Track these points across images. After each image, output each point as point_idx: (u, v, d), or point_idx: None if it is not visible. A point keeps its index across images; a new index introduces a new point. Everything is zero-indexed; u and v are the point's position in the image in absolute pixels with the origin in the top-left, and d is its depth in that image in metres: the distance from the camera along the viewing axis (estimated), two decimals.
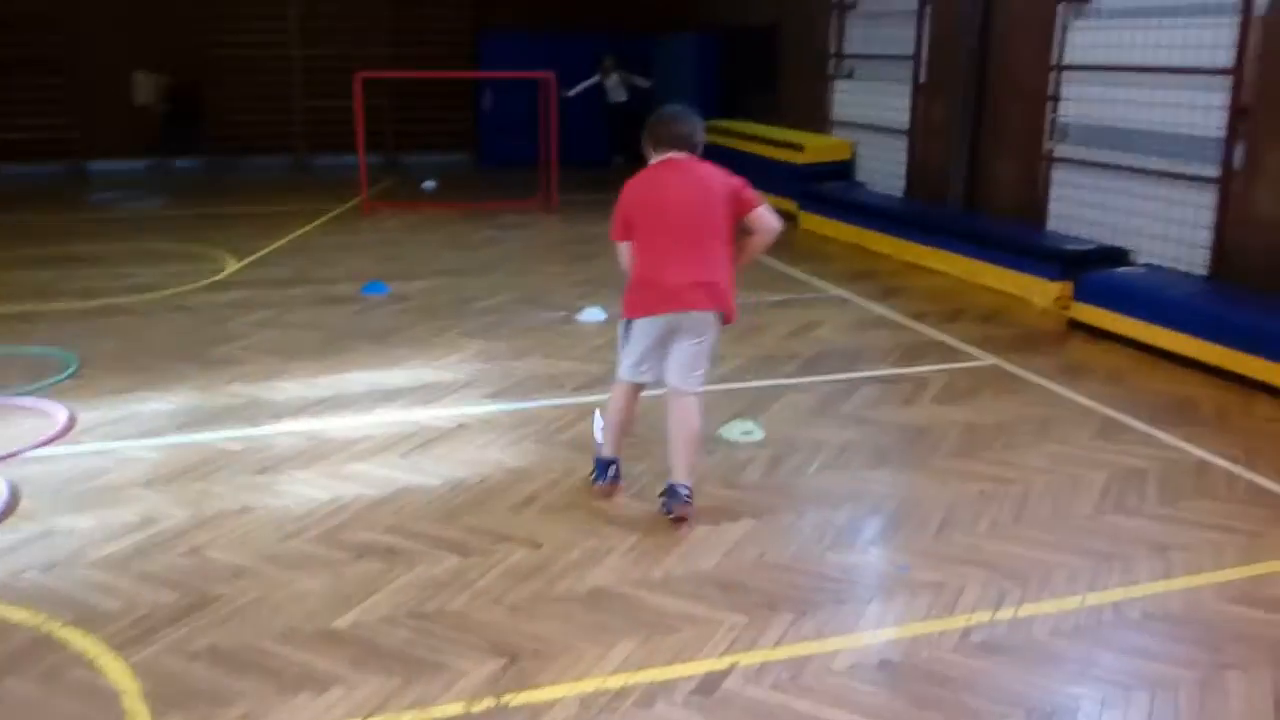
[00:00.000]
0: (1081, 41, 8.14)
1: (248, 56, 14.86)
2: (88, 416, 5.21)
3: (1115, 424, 5.21)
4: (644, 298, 4.17)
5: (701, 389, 4.23)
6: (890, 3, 10.49)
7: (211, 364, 6.10)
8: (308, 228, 10.47)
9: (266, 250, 9.34)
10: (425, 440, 4.95)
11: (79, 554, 3.84)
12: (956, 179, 9.43)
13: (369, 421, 5.20)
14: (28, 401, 5.37)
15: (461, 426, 5.15)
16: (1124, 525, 4.08)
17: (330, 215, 11.20)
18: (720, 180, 4.21)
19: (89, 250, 9.28)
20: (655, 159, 4.30)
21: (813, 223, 10.57)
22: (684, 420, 4.15)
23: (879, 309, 7.56)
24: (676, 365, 4.16)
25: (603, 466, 4.38)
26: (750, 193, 4.23)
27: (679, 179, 4.19)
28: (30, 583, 3.64)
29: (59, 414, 5.17)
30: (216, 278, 8.28)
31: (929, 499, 4.32)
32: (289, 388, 5.70)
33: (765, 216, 4.24)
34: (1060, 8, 8.24)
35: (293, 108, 15.16)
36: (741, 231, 4.25)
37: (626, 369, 4.27)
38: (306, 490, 4.38)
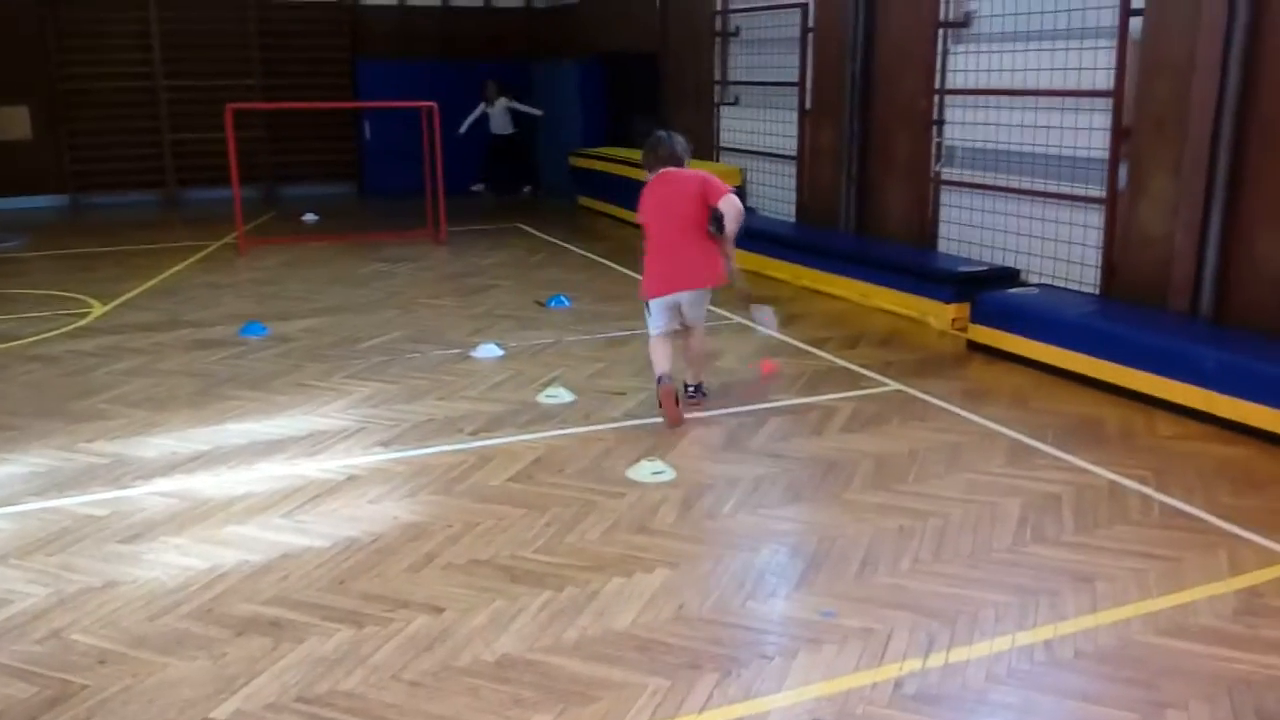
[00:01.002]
0: (963, 66, 8.25)
1: (110, 89, 14.14)
2: None
3: (1024, 448, 5.18)
4: (656, 282, 5.58)
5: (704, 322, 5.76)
6: (773, 30, 10.53)
7: (73, 419, 5.62)
8: (179, 267, 9.92)
9: (135, 292, 8.78)
10: (312, 496, 4.60)
11: None
12: (847, 203, 9.47)
13: (249, 477, 4.82)
14: None
15: (351, 479, 4.81)
16: (1045, 556, 4.00)
17: (204, 253, 10.66)
18: (694, 179, 5.52)
19: None
20: (650, 175, 5.68)
21: None
22: (699, 343, 5.86)
23: (779, 336, 7.46)
24: (691, 311, 5.66)
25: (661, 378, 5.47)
26: (715, 183, 5.47)
27: (681, 185, 5.53)
28: None
29: None
30: (80, 324, 7.72)
31: (848, 537, 4.18)
32: (160, 443, 5.27)
33: (730, 200, 5.40)
34: (941, 33, 8.34)
35: (161, 141, 14.47)
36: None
37: (658, 328, 5.60)
38: (180, 559, 4.00)
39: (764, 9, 10.58)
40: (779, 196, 10.69)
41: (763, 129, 10.93)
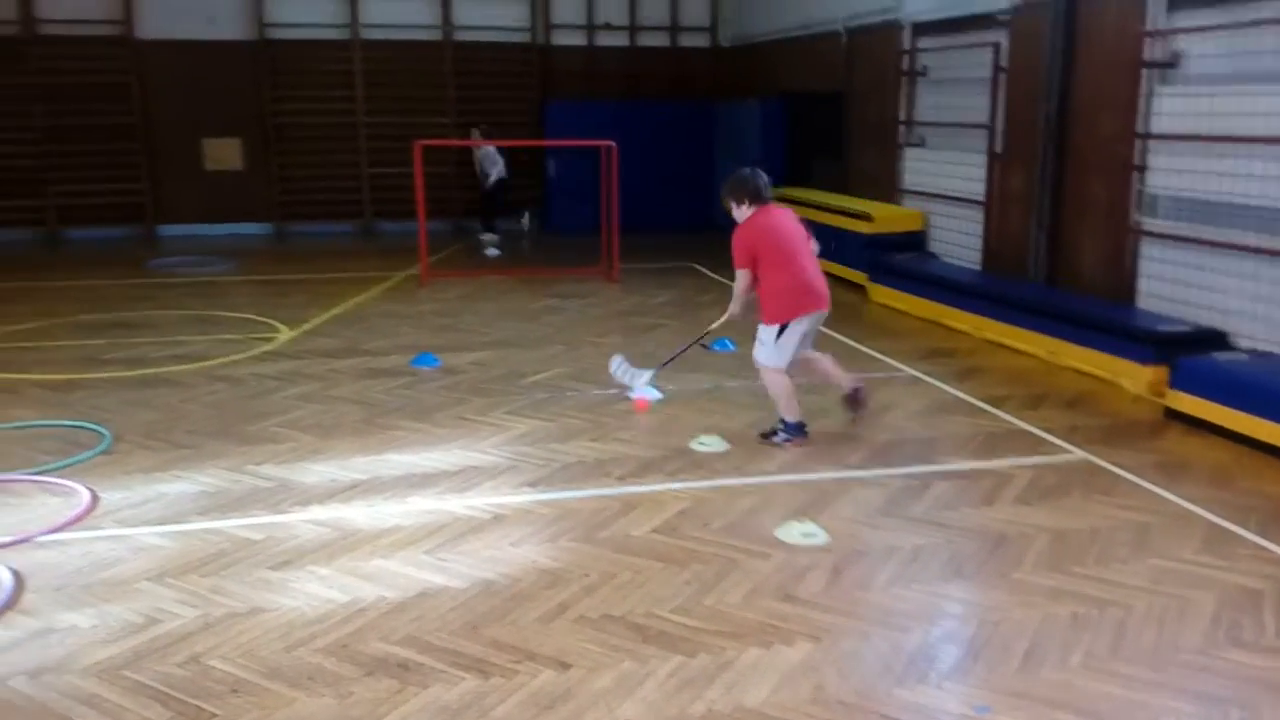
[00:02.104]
0: (1169, 109, 7.64)
1: (315, 124, 15.00)
2: (111, 498, 4.97)
3: (1223, 533, 4.65)
4: (804, 299, 5.76)
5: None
6: (963, 70, 10.11)
7: (246, 441, 5.85)
8: (364, 296, 10.33)
9: (320, 319, 9.18)
10: (456, 534, 4.59)
11: (72, 658, 3.53)
12: (1037, 253, 8.93)
13: (400, 510, 4.87)
14: (53, 480, 5.15)
15: (496, 518, 4.78)
16: (1241, 662, 3.53)
17: (389, 283, 11.07)
18: (793, 214, 6.02)
19: (143, 317, 9.22)
20: (751, 209, 5.78)
21: (883, 295, 10.12)
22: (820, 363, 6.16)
23: (955, 391, 7.06)
24: (813, 335, 5.96)
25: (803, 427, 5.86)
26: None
27: (788, 220, 5.90)
28: (14, 691, 3.33)
29: (82, 495, 4.94)
30: (266, 348, 8.10)
31: (1013, 622, 3.82)
32: (321, 470, 5.40)
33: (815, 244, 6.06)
34: (1145, 74, 7.77)
35: (360, 174, 15.22)
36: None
37: (779, 360, 5.81)
38: (323, 590, 4.04)
39: (954, 48, 10.18)
40: (963, 243, 10.21)
41: (948, 171, 10.48)
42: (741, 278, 5.80)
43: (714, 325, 6.68)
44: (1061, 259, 8.80)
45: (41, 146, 14.10)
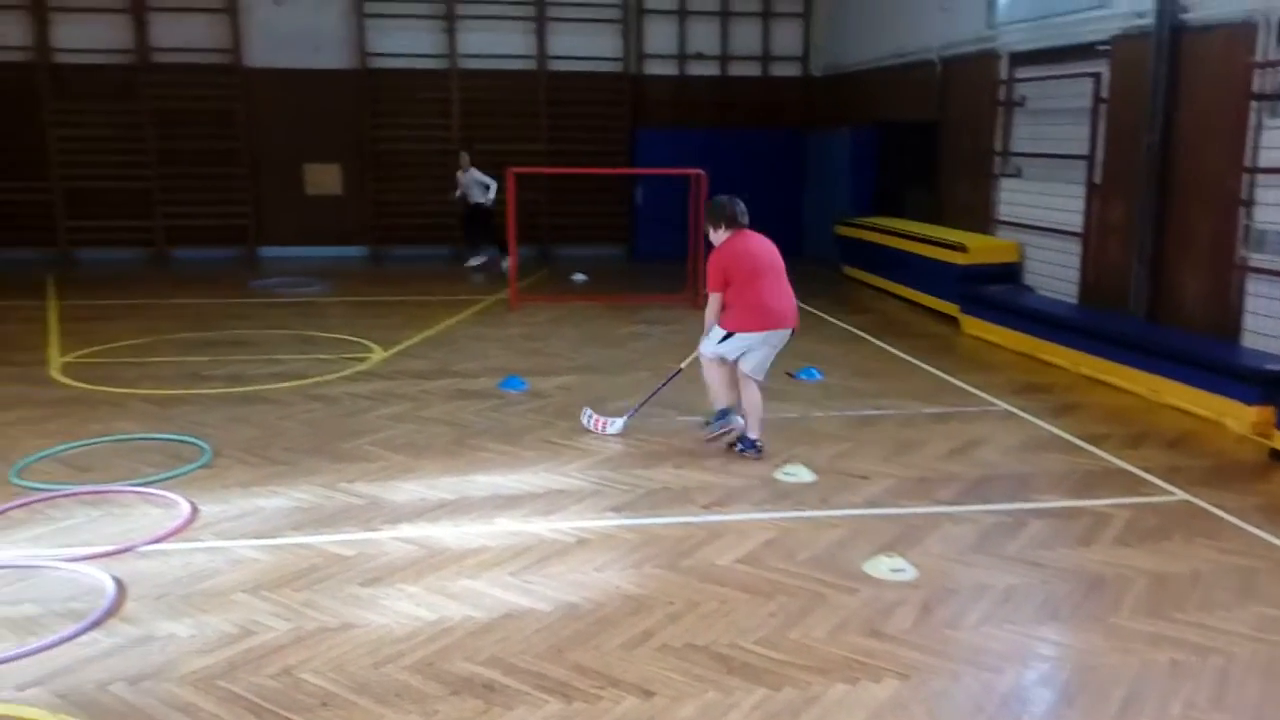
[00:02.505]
0: (1279, 142, 7.39)
1: (410, 150, 15.38)
2: (209, 510, 5.12)
3: None
4: (771, 317, 6.08)
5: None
6: (1061, 100, 9.91)
7: (340, 459, 5.99)
8: (455, 319, 10.51)
9: (412, 341, 9.36)
10: (542, 556, 4.62)
11: (170, 666, 3.64)
12: (1138, 287, 8.68)
13: (486, 531, 4.92)
14: (155, 491, 5.33)
15: (581, 542, 4.80)
16: None
17: (479, 306, 11.25)
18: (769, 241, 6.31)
19: (245, 335, 9.52)
20: (727, 233, 6.16)
21: (976, 327, 9.93)
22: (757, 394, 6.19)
23: (1051, 428, 6.88)
24: (772, 353, 6.20)
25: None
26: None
27: (763, 245, 6.22)
28: (116, 698, 3.45)
29: (182, 507, 5.10)
30: (360, 368, 8.29)
31: (1110, 667, 3.69)
32: (411, 489, 5.50)
33: None
34: (1255, 105, 7.52)
35: (453, 200, 15.52)
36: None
37: (717, 351, 6.15)
38: (411, 608, 4.10)
39: (1053, 78, 9.99)
40: (1059, 275, 9.98)
41: (1044, 203, 10.28)
42: (713, 301, 6.11)
43: (684, 363, 6.81)
44: (1163, 293, 8.54)
45: (152, 170, 14.72)
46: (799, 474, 5.75)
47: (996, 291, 10.05)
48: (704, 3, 15.69)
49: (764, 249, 6.18)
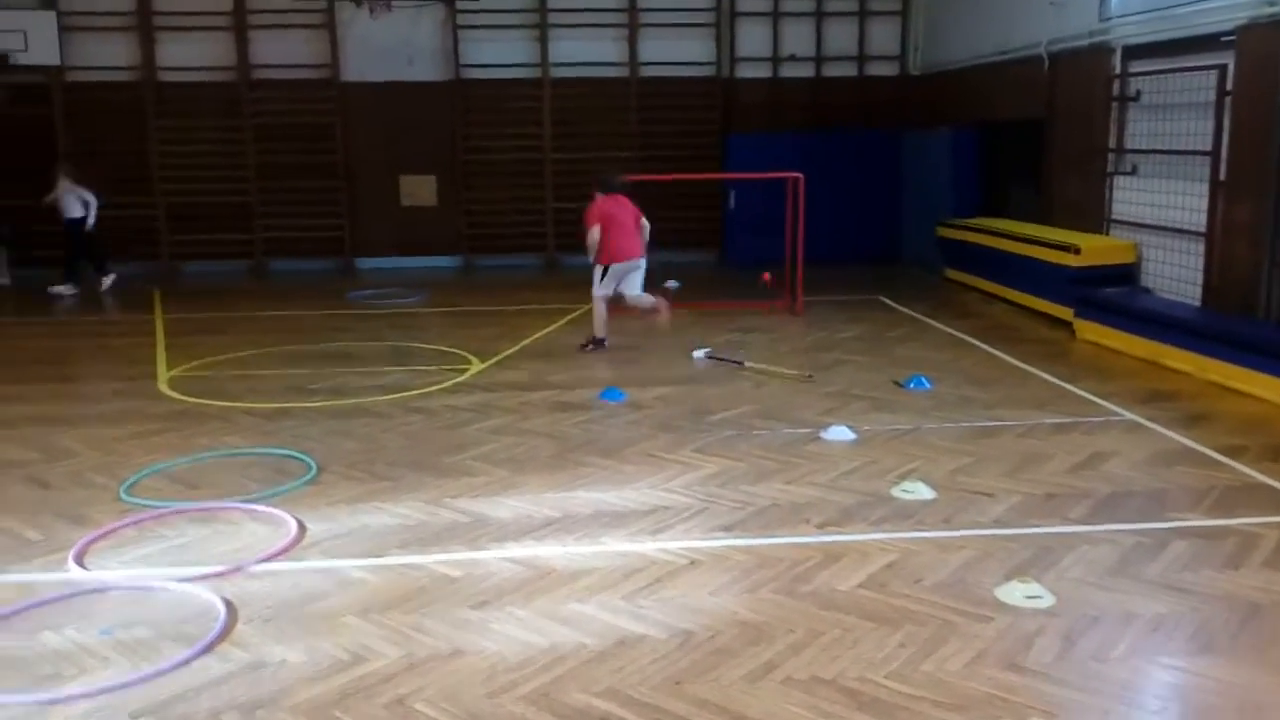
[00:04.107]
0: None
1: (504, 161, 15.41)
2: (316, 529, 5.08)
3: None
4: (617, 253, 9.21)
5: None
6: (1181, 94, 9.41)
7: (443, 473, 5.92)
8: (551, 329, 10.45)
9: (510, 352, 9.30)
10: (653, 579, 4.46)
11: (283, 694, 3.56)
12: (1268, 289, 8.18)
13: (594, 551, 4.78)
14: (262, 508, 5.32)
15: (692, 564, 4.62)
16: None
17: (574, 315, 11.16)
18: (633, 208, 9.36)
19: (344, 347, 9.58)
20: (604, 196, 9.28)
21: (1092, 332, 9.48)
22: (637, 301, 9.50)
23: (1182, 439, 6.48)
24: (635, 277, 9.41)
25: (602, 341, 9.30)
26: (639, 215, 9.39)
27: (624, 206, 9.31)
28: None
29: (289, 525, 5.07)
30: (460, 379, 8.25)
31: (1276, 707, 3.37)
32: (515, 505, 5.39)
33: (646, 224, 9.43)
34: None
35: (544, 209, 15.53)
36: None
37: (602, 291, 9.31)
38: (522, 634, 3.97)
39: (1171, 71, 9.50)
40: (1180, 277, 9.48)
41: (1163, 201, 9.77)
42: (591, 234, 9.16)
43: (746, 363, 8.65)
44: None
45: (252, 184, 15.01)
46: (918, 491, 5.49)
47: (1113, 294, 9.59)
48: (798, 4, 15.41)
49: (622, 209, 9.28)
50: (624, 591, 4.34)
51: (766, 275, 10.75)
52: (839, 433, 6.59)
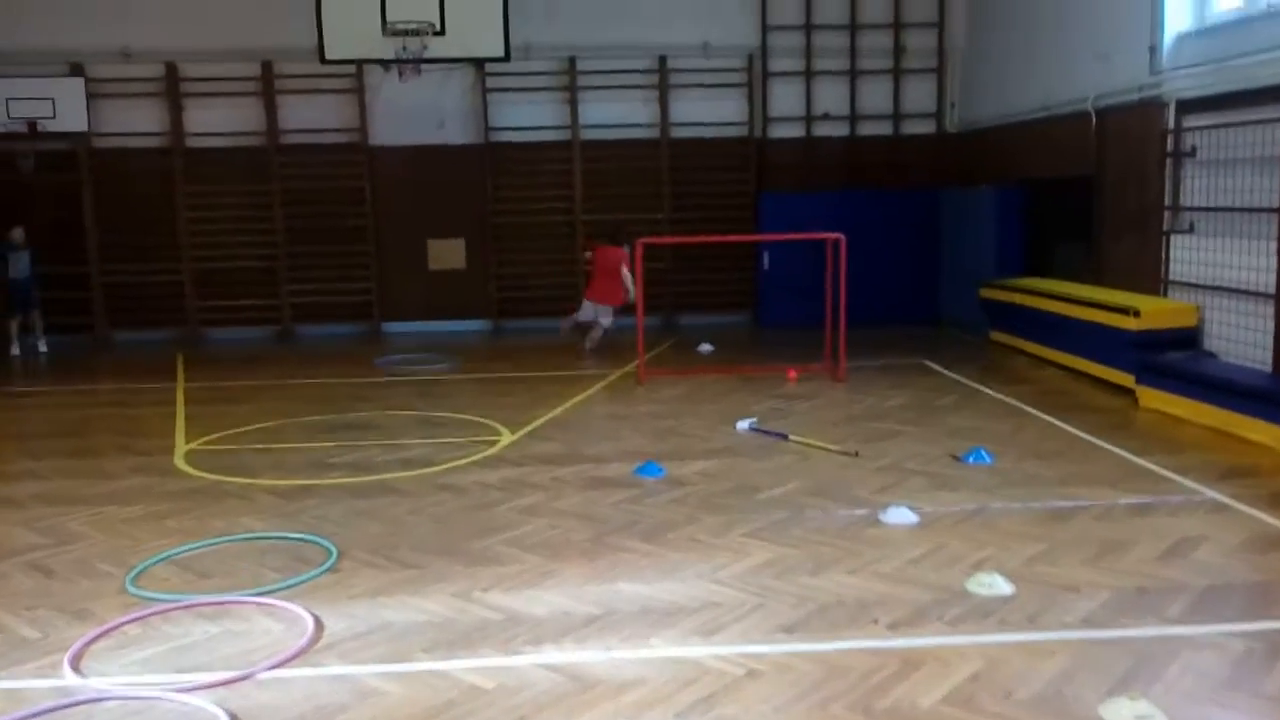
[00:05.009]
0: None
1: (534, 223, 15.16)
2: (334, 626, 4.64)
3: None
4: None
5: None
6: (1243, 149, 8.98)
7: (473, 561, 5.47)
8: (582, 396, 10.03)
9: (540, 421, 8.89)
10: (708, 692, 3.97)
11: None
12: None
13: (641, 657, 4.30)
14: (277, 603, 4.88)
15: (750, 674, 4.13)
16: None
17: (605, 381, 10.76)
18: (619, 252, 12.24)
19: (369, 418, 9.20)
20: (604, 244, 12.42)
21: (1156, 400, 8.96)
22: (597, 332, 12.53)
23: (1272, 520, 5.94)
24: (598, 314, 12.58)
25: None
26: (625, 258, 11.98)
27: (603, 254, 12.42)
28: None
29: (305, 622, 4.63)
30: (489, 452, 7.83)
31: None
32: (552, 600, 4.92)
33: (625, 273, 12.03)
34: None
35: (576, 271, 15.23)
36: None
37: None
38: None
39: (1232, 125, 9.08)
40: (1250, 340, 8.95)
41: (1225, 261, 9.29)
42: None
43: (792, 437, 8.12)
44: None
45: (280, 248, 14.81)
46: (995, 584, 4.98)
47: (1178, 359, 9.07)
48: (831, 63, 15.17)
49: (604, 258, 12.28)
50: (678, 708, 3.85)
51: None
52: (900, 514, 6.09)
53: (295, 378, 11.47)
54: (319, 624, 4.64)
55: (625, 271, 11.95)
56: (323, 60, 12.41)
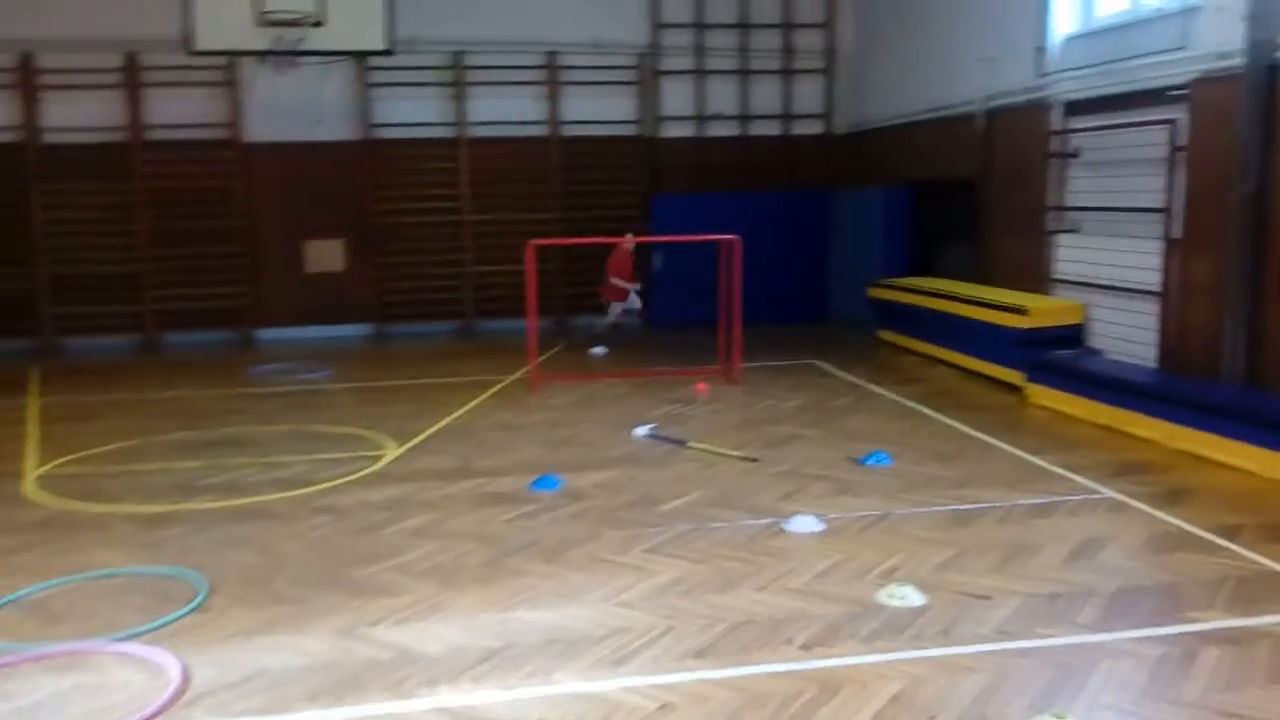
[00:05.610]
0: None
1: (419, 224, 14.64)
2: (204, 675, 4.19)
3: None
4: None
5: None
6: (1128, 150, 9.14)
7: (357, 592, 5.06)
8: (473, 404, 9.63)
9: (429, 433, 8.46)
10: None
11: None
12: (1233, 350, 7.83)
13: (546, 695, 3.98)
14: (137, 649, 4.40)
15: (664, 707, 3.87)
16: None
17: (497, 388, 10.37)
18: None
19: (241, 433, 8.61)
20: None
21: (1046, 397, 9.05)
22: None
23: (1171, 519, 5.98)
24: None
25: None
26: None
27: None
28: None
29: (169, 671, 4.17)
30: (373, 469, 7.39)
31: None
32: (446, 634, 4.57)
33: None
34: None
35: (463, 273, 14.78)
36: None
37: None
38: None
39: (1117, 127, 9.22)
40: (1132, 337, 9.13)
41: (1111, 260, 9.46)
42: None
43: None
44: (1266, 357, 7.68)
45: (144, 252, 13.93)
46: (907, 596, 4.83)
47: (1067, 357, 9.20)
48: (721, 62, 15.05)
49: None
50: None
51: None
52: (805, 523, 5.93)
53: (160, 391, 10.73)
54: (186, 673, 4.19)
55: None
56: (192, 51, 11.70)
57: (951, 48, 12.12)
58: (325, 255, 14.56)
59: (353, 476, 7.18)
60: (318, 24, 11.63)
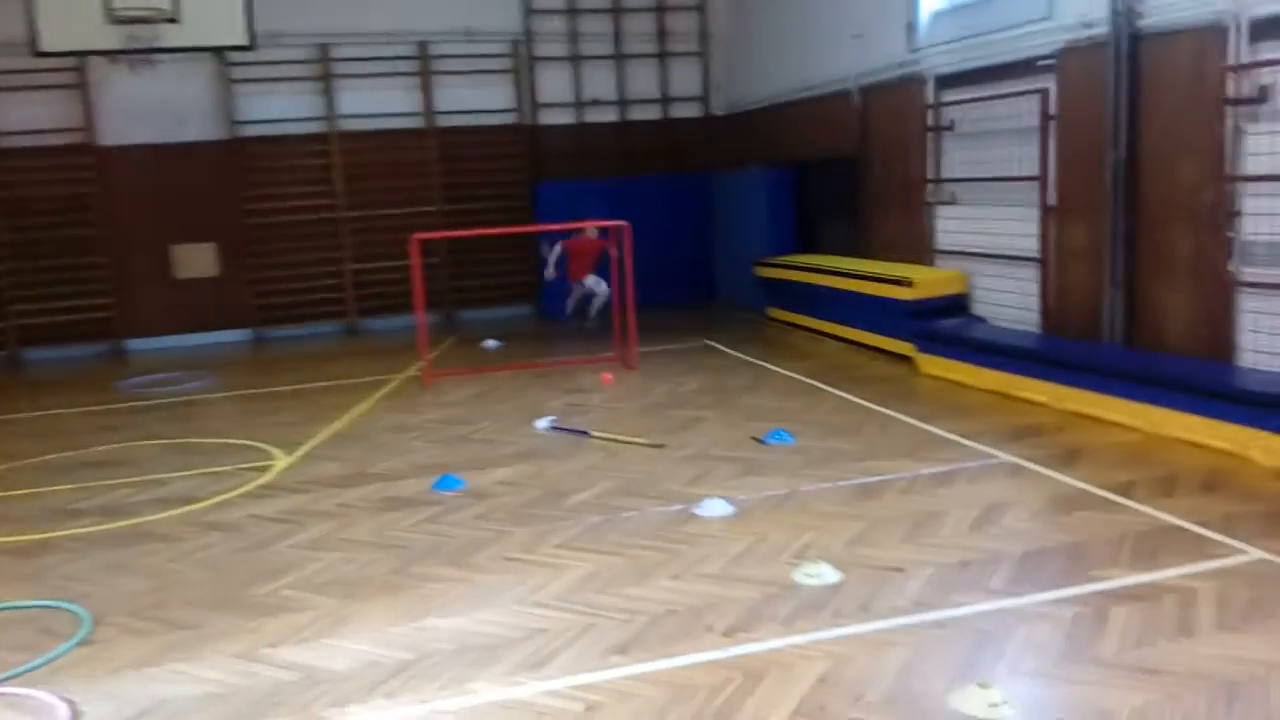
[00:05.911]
0: (1262, 148, 6.89)
1: (293, 223, 14.12)
2: (95, 712, 3.90)
3: None
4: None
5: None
6: (1001, 121, 9.37)
7: (255, 612, 4.80)
8: (365, 405, 9.32)
9: (320, 438, 8.15)
10: None
11: None
12: (1112, 311, 8.10)
13: (465, 706, 3.82)
14: (17, 690, 4.07)
15: (590, 708, 3.75)
16: None
17: (389, 387, 10.08)
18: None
19: (116, 452, 8.13)
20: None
21: (935, 366, 9.23)
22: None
23: (1068, 479, 6.13)
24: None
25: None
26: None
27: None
28: None
29: (55, 711, 3.87)
30: (262, 480, 7.06)
31: None
32: (354, 649, 4.35)
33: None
34: (1231, 112, 7.02)
35: (343, 272, 14.33)
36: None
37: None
38: None
39: (989, 99, 9.44)
40: (1014, 304, 9.38)
41: (990, 229, 9.69)
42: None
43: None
44: (1140, 317, 7.97)
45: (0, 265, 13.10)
46: (823, 574, 4.81)
47: (953, 325, 9.40)
48: (597, 47, 14.92)
49: (588, 246, 12.41)
50: None
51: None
52: (715, 506, 5.88)
53: (24, 410, 10.08)
54: (74, 711, 3.89)
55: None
56: (38, 53, 11.00)
57: (824, 27, 12.25)
58: (195, 260, 13.93)
59: (241, 490, 6.83)
60: (172, 20, 11.08)
